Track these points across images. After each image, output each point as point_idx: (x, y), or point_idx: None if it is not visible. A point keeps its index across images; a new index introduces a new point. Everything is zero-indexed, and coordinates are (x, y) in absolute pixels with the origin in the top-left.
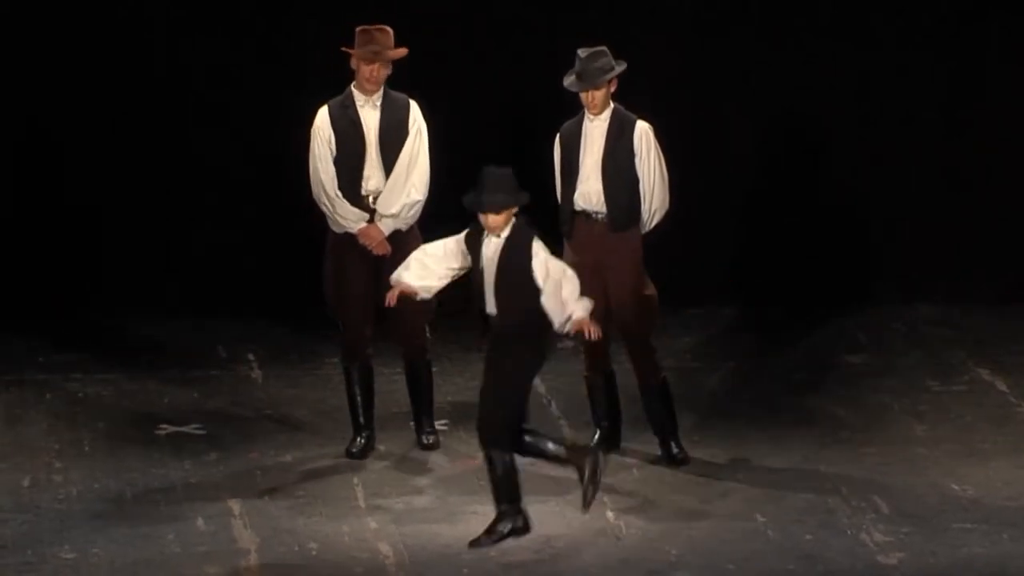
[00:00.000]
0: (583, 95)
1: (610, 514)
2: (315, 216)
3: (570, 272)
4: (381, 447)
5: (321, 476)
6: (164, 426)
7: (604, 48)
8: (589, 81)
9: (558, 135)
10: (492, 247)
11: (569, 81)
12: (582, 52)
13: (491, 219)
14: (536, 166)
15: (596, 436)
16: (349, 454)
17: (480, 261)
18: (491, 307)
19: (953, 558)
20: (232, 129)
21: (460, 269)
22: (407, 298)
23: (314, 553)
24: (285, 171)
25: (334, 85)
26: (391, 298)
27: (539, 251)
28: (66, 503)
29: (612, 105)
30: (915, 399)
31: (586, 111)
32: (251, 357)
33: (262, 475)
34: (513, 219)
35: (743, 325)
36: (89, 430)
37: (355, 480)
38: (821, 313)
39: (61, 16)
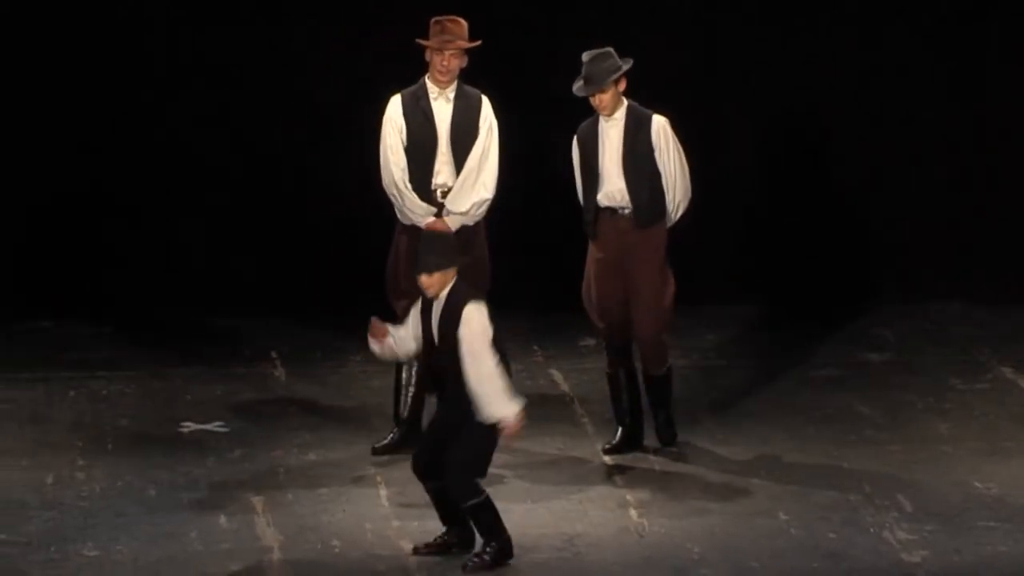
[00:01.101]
0: (592, 99)
1: (633, 512)
2: (341, 213)
3: (484, 362)
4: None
5: (344, 474)
6: (187, 424)
7: (609, 49)
8: (595, 84)
9: (575, 136)
10: (436, 311)
11: (577, 87)
12: (586, 56)
13: (423, 280)
14: (541, 165)
15: (618, 433)
16: (374, 450)
17: (430, 325)
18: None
19: (977, 556)
20: (243, 126)
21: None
22: None
23: (337, 551)
24: (312, 166)
25: (337, 83)
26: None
27: (469, 319)
28: (89, 500)
29: (625, 103)
30: (939, 397)
31: (598, 112)
32: (274, 355)
33: (285, 473)
34: (452, 282)
35: (766, 323)
36: (113, 428)
37: (378, 478)
38: (845, 311)
39: (61, 15)
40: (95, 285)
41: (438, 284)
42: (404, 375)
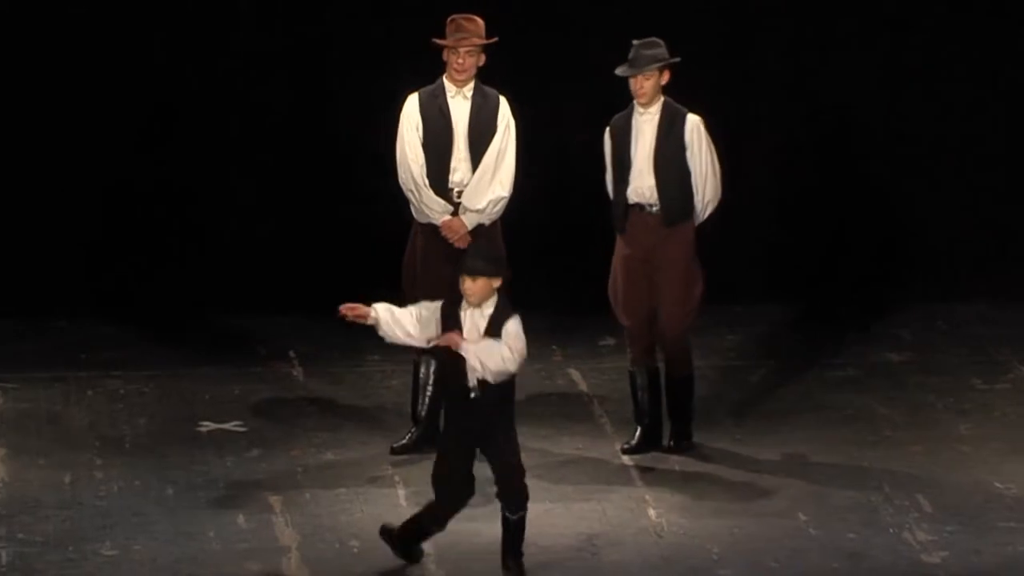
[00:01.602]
0: (632, 83)
1: (652, 512)
2: (358, 212)
3: (515, 345)
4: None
5: (362, 473)
6: (205, 423)
7: (659, 40)
8: (637, 67)
9: (608, 128)
10: (474, 322)
11: (620, 69)
12: (636, 42)
13: (467, 284)
14: (560, 165)
15: (637, 433)
16: (392, 450)
17: (462, 331)
18: (471, 379)
19: (997, 556)
20: (270, 122)
21: (420, 337)
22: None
23: (355, 551)
24: (327, 165)
25: (355, 83)
26: (346, 310)
27: (512, 325)
28: (107, 500)
29: (663, 98)
30: (959, 397)
31: (635, 104)
32: (292, 354)
33: (303, 472)
34: (496, 295)
35: (786, 323)
36: (130, 427)
37: (396, 478)
38: (865, 311)
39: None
40: (111, 284)
41: (480, 292)
42: (422, 374)
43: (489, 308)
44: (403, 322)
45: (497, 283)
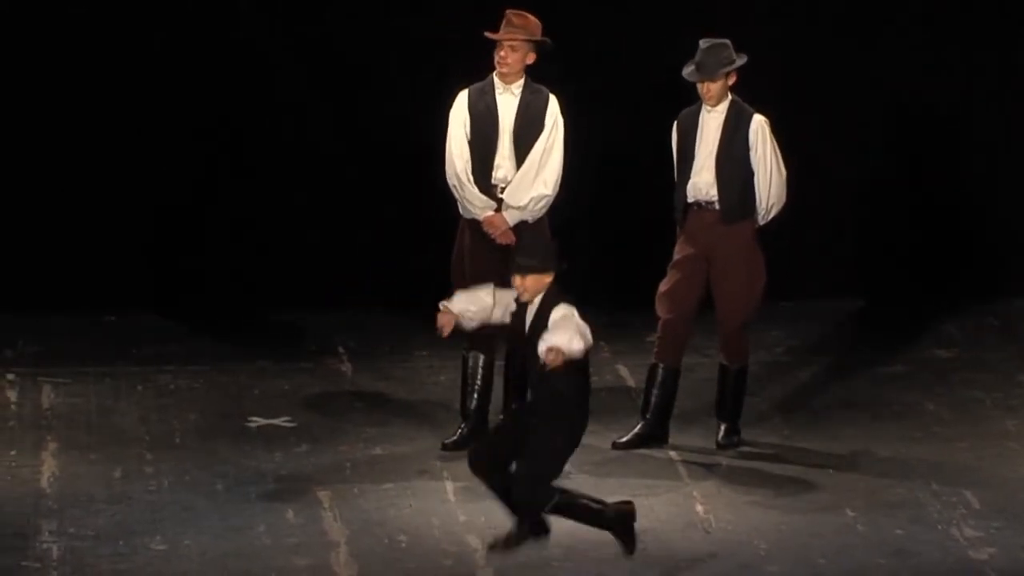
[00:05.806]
0: (700, 86)
1: (699, 508)
2: (407, 207)
3: (569, 323)
4: None
5: (411, 468)
6: (255, 418)
7: (727, 41)
8: (707, 73)
9: (675, 123)
10: (529, 314)
11: (688, 71)
12: (703, 43)
13: (516, 280)
14: (608, 163)
15: (636, 428)
16: (444, 446)
17: (522, 326)
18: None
19: None
20: (323, 118)
21: (496, 317)
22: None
23: (403, 545)
24: (376, 162)
25: (405, 81)
26: (443, 325)
27: (557, 310)
28: (157, 494)
29: (730, 97)
30: (1007, 393)
31: (703, 101)
32: (341, 350)
33: (352, 467)
34: (547, 288)
35: (834, 319)
36: (180, 422)
37: (444, 473)
38: (912, 307)
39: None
40: (162, 280)
41: (532, 288)
42: (470, 367)
43: (538, 300)
44: (477, 307)
45: (548, 278)
